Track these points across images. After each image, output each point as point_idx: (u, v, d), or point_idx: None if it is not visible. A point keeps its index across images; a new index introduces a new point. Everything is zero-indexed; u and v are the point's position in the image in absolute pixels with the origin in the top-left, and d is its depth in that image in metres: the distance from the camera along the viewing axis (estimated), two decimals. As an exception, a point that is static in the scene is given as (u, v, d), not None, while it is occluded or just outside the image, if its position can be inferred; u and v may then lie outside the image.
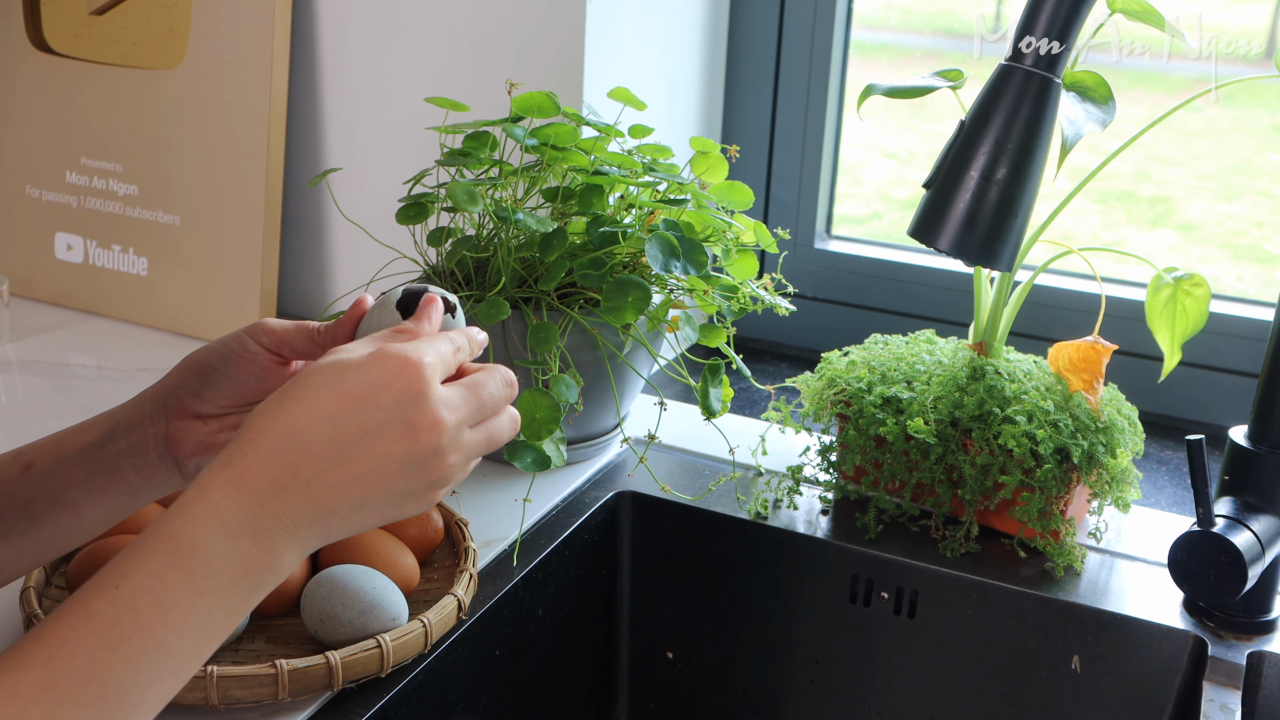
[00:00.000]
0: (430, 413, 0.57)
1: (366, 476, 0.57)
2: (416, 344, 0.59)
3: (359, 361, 0.57)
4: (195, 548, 0.53)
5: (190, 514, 0.54)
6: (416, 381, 0.57)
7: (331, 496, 0.56)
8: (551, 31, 1.13)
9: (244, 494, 0.54)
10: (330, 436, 0.56)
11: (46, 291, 1.38)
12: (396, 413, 0.57)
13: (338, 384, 0.56)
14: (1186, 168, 1.39)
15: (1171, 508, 1.04)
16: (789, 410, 1.04)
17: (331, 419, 0.56)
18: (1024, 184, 0.77)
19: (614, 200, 0.99)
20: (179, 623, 0.52)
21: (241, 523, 0.54)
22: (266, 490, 0.55)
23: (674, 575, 1.02)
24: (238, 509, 0.54)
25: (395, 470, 0.57)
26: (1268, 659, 0.85)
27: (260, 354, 0.68)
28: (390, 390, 0.57)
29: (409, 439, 0.57)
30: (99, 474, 0.68)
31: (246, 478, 0.55)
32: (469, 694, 0.85)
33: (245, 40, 1.24)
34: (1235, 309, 1.19)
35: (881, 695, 0.98)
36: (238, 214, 1.27)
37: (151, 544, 0.53)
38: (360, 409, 0.56)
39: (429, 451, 0.58)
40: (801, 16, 1.29)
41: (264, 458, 0.55)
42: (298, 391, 0.57)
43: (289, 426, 0.56)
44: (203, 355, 0.68)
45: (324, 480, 0.56)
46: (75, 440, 0.69)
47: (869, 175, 1.50)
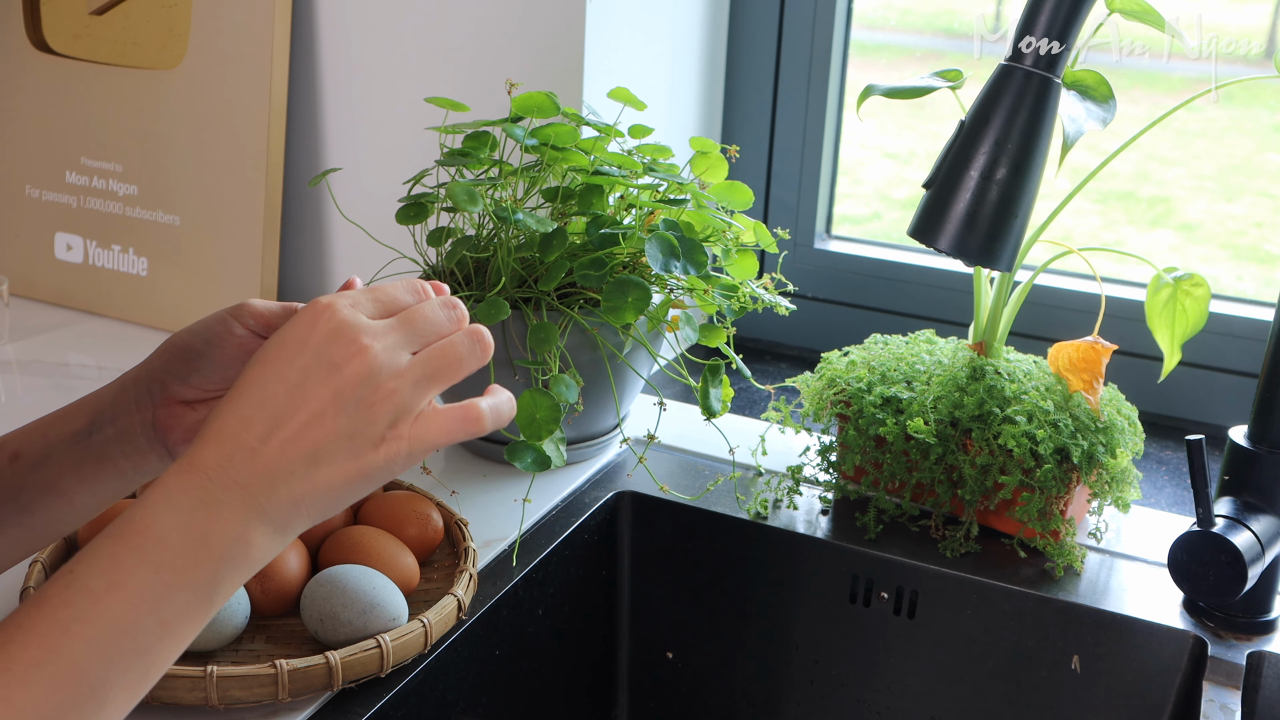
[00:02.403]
0: (350, 343, 0.56)
1: (308, 427, 0.55)
2: (338, 293, 0.59)
3: (283, 323, 0.58)
4: (145, 526, 0.53)
5: (142, 501, 0.54)
6: (330, 320, 0.56)
7: (280, 458, 0.55)
8: (551, 31, 1.13)
9: (192, 473, 0.54)
10: (260, 399, 0.55)
11: (46, 291, 1.38)
12: (317, 356, 0.56)
13: (263, 352, 0.56)
14: (1186, 168, 1.39)
15: (1171, 508, 1.04)
16: (789, 410, 1.04)
17: (259, 383, 0.55)
18: (1024, 184, 0.77)
19: (614, 200, 0.99)
20: (135, 599, 0.52)
21: (192, 498, 0.54)
22: (214, 465, 0.54)
23: (674, 575, 1.02)
24: (186, 486, 0.54)
25: (331, 412, 0.55)
26: (1268, 659, 0.85)
27: (246, 337, 0.67)
28: (309, 341, 0.56)
29: (335, 377, 0.55)
30: (89, 462, 0.67)
31: (196, 459, 0.55)
32: (469, 694, 0.85)
33: (245, 40, 1.24)
34: (1235, 309, 1.19)
35: (881, 695, 0.98)
36: (238, 214, 1.27)
37: (106, 532, 0.53)
38: (281, 365, 0.56)
39: (359, 380, 0.56)
40: (801, 16, 1.29)
41: (210, 438, 0.55)
42: (239, 374, 0.57)
43: (228, 403, 0.56)
44: (186, 339, 0.67)
45: (269, 445, 0.55)
46: (61, 428, 0.68)
47: (869, 175, 1.50)
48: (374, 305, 0.58)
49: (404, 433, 0.57)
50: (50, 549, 0.81)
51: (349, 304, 0.57)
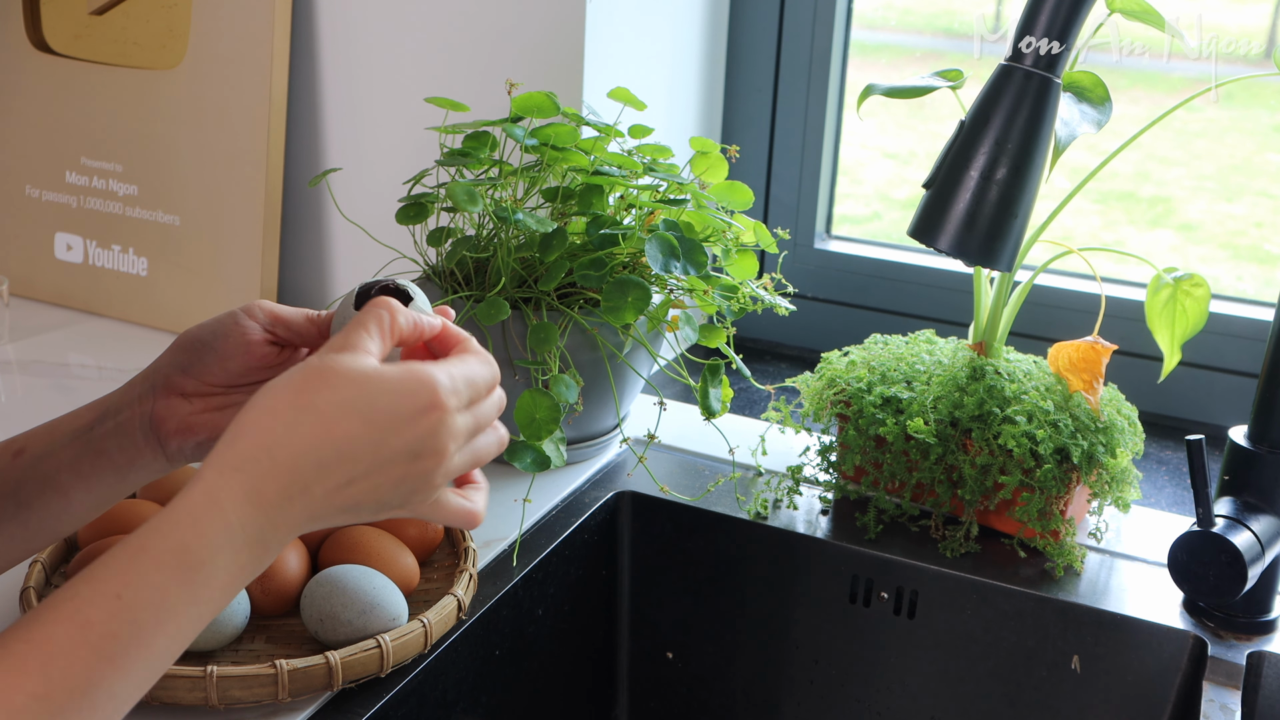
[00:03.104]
0: (438, 446, 0.59)
1: (365, 493, 0.57)
2: (448, 377, 0.59)
3: (386, 386, 0.57)
4: (202, 562, 0.53)
5: (201, 527, 0.53)
6: (438, 424, 0.58)
7: (330, 505, 0.57)
8: (551, 31, 1.13)
9: (256, 507, 0.54)
10: (350, 457, 0.56)
11: (46, 291, 1.38)
12: (409, 445, 0.58)
13: (367, 407, 0.56)
14: (1186, 168, 1.39)
15: (1171, 508, 1.04)
16: (789, 410, 1.04)
17: (353, 441, 0.56)
18: (1024, 184, 0.77)
19: (614, 200, 0.99)
20: (175, 632, 0.52)
21: (248, 536, 0.54)
22: (276, 502, 0.55)
23: (674, 575, 1.02)
24: (247, 522, 0.54)
25: (387, 490, 0.58)
26: (1268, 659, 0.85)
27: (254, 330, 0.67)
28: (414, 425, 0.58)
29: (411, 465, 0.58)
30: (87, 455, 0.67)
31: (262, 489, 0.54)
32: (469, 694, 0.85)
33: (245, 40, 1.24)
34: (1235, 309, 1.19)
35: (881, 695, 0.98)
36: (238, 214, 1.27)
37: (157, 555, 0.52)
38: (382, 438, 0.57)
39: (425, 474, 0.59)
40: (801, 16, 1.29)
41: (280, 469, 0.55)
42: (321, 403, 0.56)
43: (310, 441, 0.55)
44: (195, 331, 0.68)
45: (327, 495, 0.56)
46: (68, 424, 0.68)
47: (869, 175, 1.50)
48: (469, 398, 0.61)
49: (420, 504, 0.61)
50: (50, 549, 0.81)
51: (455, 405, 0.59)
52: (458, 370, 0.60)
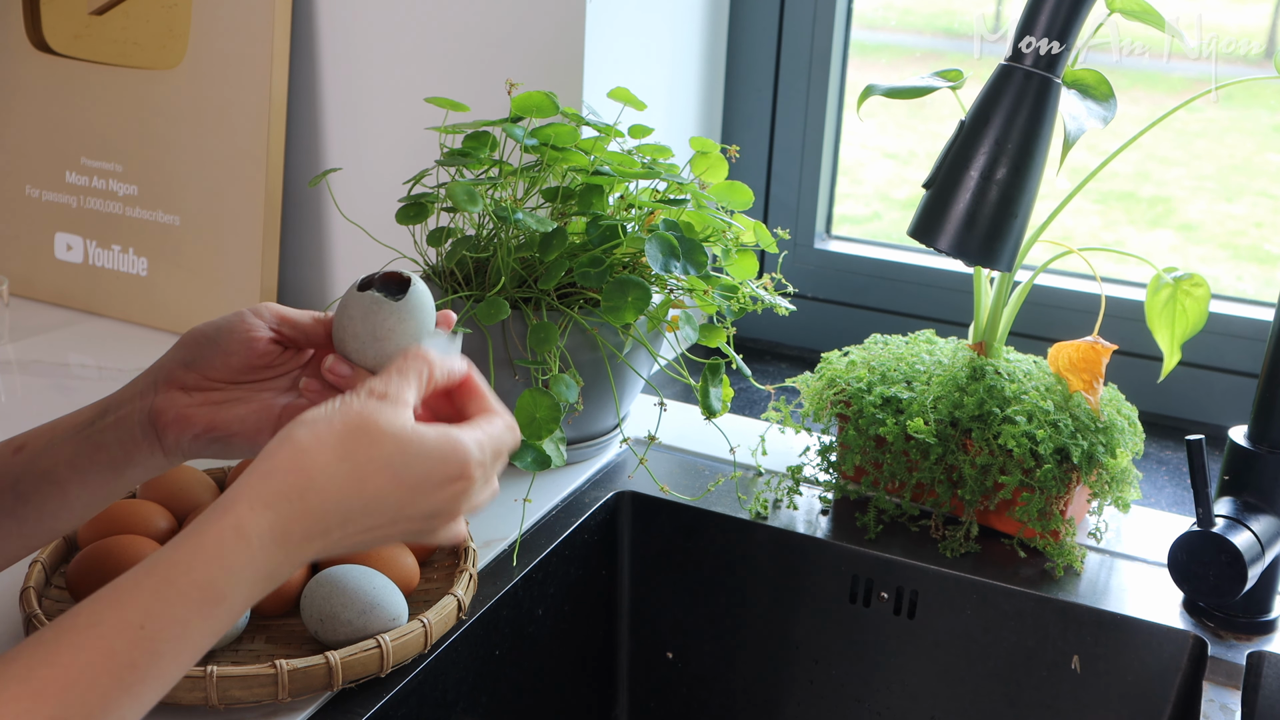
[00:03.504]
0: (454, 511, 0.62)
1: (376, 539, 0.60)
2: (479, 448, 0.61)
3: (424, 450, 0.59)
4: (224, 597, 0.54)
5: (227, 561, 0.54)
6: (463, 492, 0.61)
7: (339, 546, 0.59)
8: (551, 31, 1.13)
9: (279, 545, 0.56)
10: (375, 511, 0.59)
11: (46, 291, 1.38)
12: (432, 507, 0.60)
13: (402, 467, 0.58)
14: (1186, 168, 1.39)
15: (1171, 508, 1.04)
16: (789, 410, 1.04)
17: (382, 497, 0.58)
18: (1024, 184, 0.77)
19: (614, 200, 0.99)
20: (186, 659, 0.54)
21: (268, 571, 0.56)
22: (298, 542, 0.57)
23: (674, 575, 1.02)
24: (270, 560, 0.56)
25: (396, 537, 0.61)
26: (1268, 659, 0.85)
27: (259, 328, 0.68)
28: (442, 491, 0.60)
29: (426, 524, 0.61)
30: (85, 449, 0.68)
31: (289, 529, 0.56)
32: (469, 694, 0.85)
33: (245, 40, 1.24)
34: (1235, 309, 1.19)
35: (881, 695, 0.98)
36: (238, 214, 1.27)
37: (183, 589, 0.53)
38: (409, 498, 0.59)
39: (430, 531, 0.62)
40: (801, 16, 1.29)
41: (310, 513, 0.57)
42: (362, 457, 0.58)
43: (343, 492, 0.57)
44: (201, 327, 0.69)
45: (345, 538, 0.59)
46: (69, 421, 0.69)
47: (869, 175, 1.50)
48: (494, 466, 0.63)
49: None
50: (50, 549, 0.81)
51: (481, 476, 0.62)
52: (488, 441, 0.62)
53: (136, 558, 0.77)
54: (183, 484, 0.87)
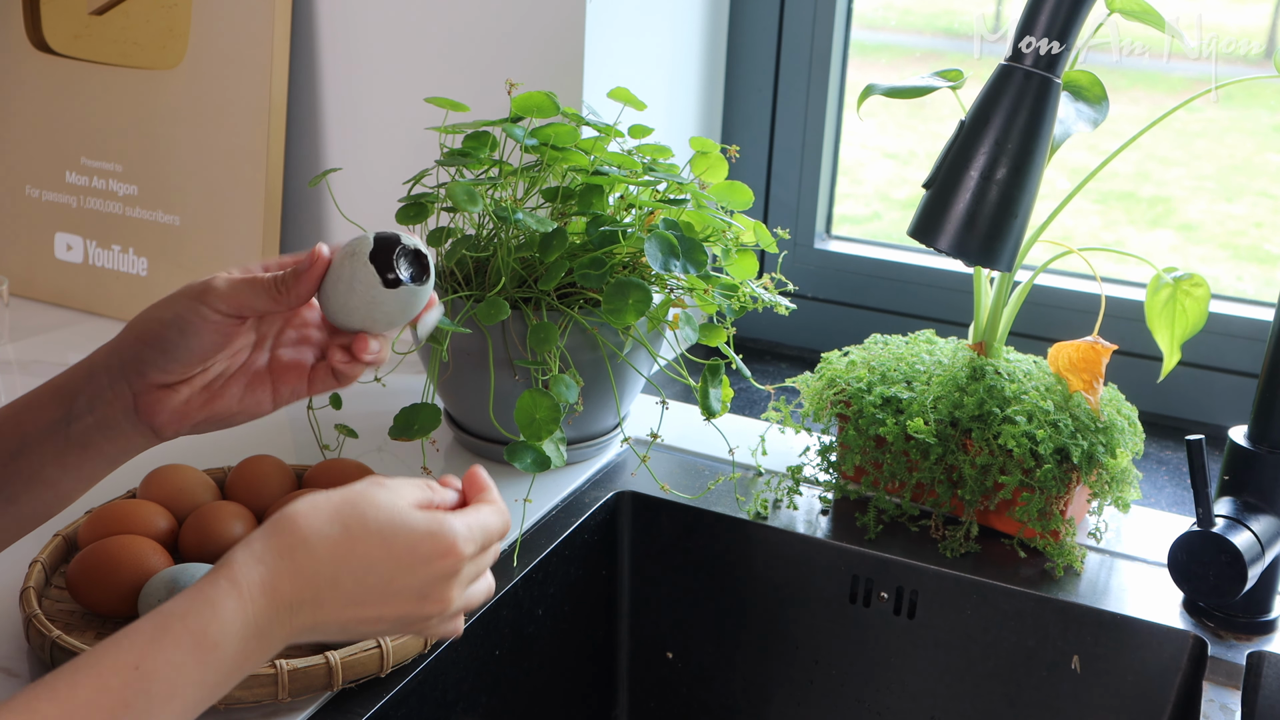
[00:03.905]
0: (445, 595, 0.63)
1: (367, 619, 0.62)
2: (468, 527, 0.64)
3: (416, 524, 0.62)
4: (216, 644, 0.57)
5: (219, 611, 0.57)
6: (451, 571, 0.63)
7: (331, 620, 0.61)
8: (551, 31, 1.13)
9: (269, 601, 0.58)
10: (361, 579, 0.61)
11: (46, 291, 1.38)
12: (421, 586, 0.62)
13: (391, 537, 0.61)
14: (1186, 168, 1.39)
15: (1171, 508, 1.04)
16: (789, 410, 1.04)
17: (370, 565, 0.61)
18: (1024, 184, 0.77)
19: (614, 200, 0.99)
20: (179, 709, 0.56)
21: (258, 626, 0.58)
22: (288, 603, 0.59)
23: (674, 575, 1.02)
24: (260, 614, 0.58)
25: (388, 622, 0.63)
26: (1267, 659, 0.85)
27: (219, 320, 0.67)
28: (428, 567, 0.62)
29: (417, 606, 0.63)
30: (72, 450, 0.68)
31: (279, 587, 0.59)
32: (469, 694, 0.85)
33: (245, 40, 1.24)
34: (1235, 309, 1.19)
35: (881, 695, 0.98)
36: (238, 214, 1.27)
37: (177, 635, 0.56)
38: (396, 570, 0.61)
39: (423, 618, 0.64)
40: (801, 16, 1.29)
41: (300, 574, 0.59)
42: (354, 524, 0.61)
43: (332, 554, 0.60)
44: (157, 330, 0.67)
45: (335, 609, 0.60)
46: (35, 419, 0.68)
47: (869, 175, 1.50)
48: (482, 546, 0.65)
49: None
50: (50, 548, 0.81)
51: (469, 553, 0.64)
52: (475, 521, 0.65)
53: (136, 557, 0.77)
54: (183, 484, 0.87)
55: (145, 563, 0.77)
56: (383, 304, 0.67)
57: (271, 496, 0.87)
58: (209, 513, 0.83)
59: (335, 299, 0.68)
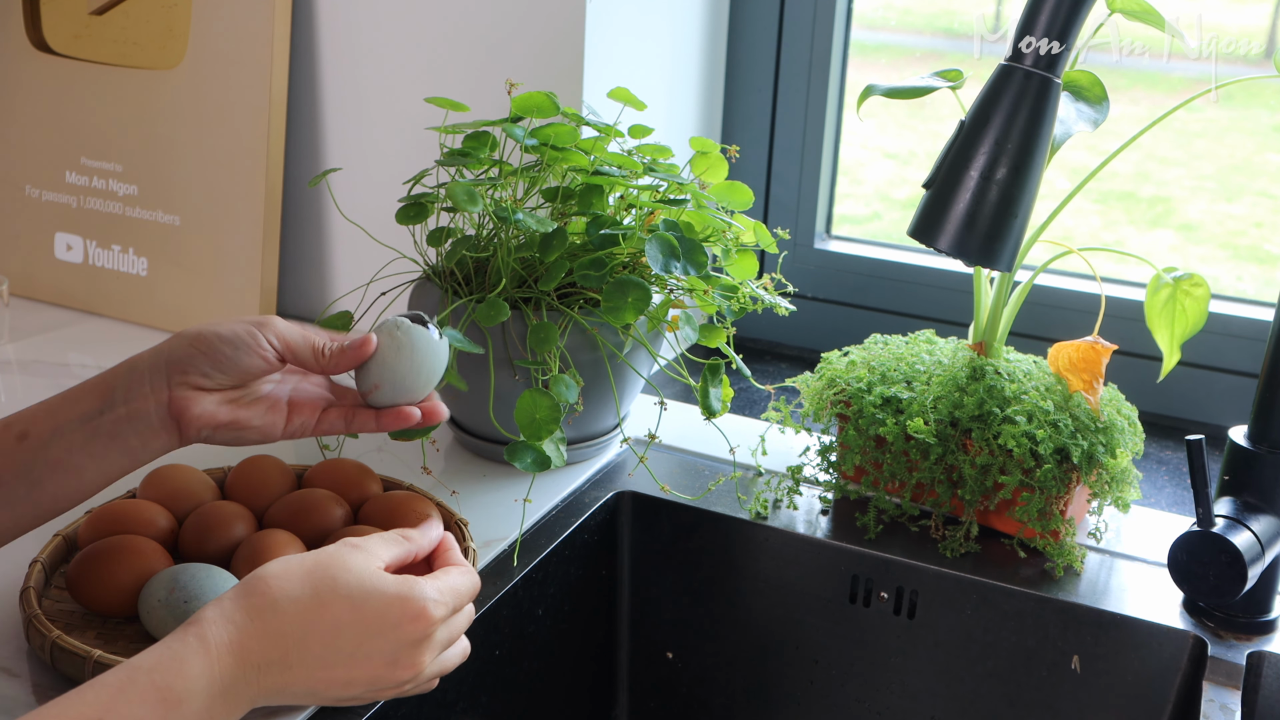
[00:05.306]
0: (418, 657, 0.65)
1: (336, 681, 0.63)
2: (437, 589, 0.66)
3: (386, 588, 0.64)
4: (180, 700, 0.58)
5: (185, 668, 0.58)
6: (422, 635, 0.65)
7: (299, 682, 0.62)
8: (551, 32, 1.13)
9: (238, 662, 0.60)
10: (329, 642, 0.62)
11: (46, 291, 1.38)
12: (393, 650, 0.64)
13: (361, 601, 0.63)
14: (1186, 168, 1.39)
15: (1171, 508, 1.04)
16: (789, 410, 1.04)
17: (339, 628, 0.62)
18: (1024, 184, 0.77)
19: (614, 200, 0.99)
20: None
21: (225, 685, 0.59)
22: (257, 664, 0.60)
23: (674, 575, 1.02)
24: (226, 673, 0.59)
25: (360, 686, 0.64)
26: (1268, 659, 0.85)
27: (269, 351, 0.73)
28: (398, 630, 0.64)
29: (388, 671, 0.64)
30: (99, 439, 0.71)
31: (247, 647, 0.60)
32: (469, 694, 0.85)
33: (245, 40, 1.24)
34: (1235, 309, 1.19)
35: (881, 695, 0.98)
36: (238, 214, 1.27)
37: (142, 687, 0.57)
38: (365, 635, 0.63)
39: (395, 683, 0.65)
40: (801, 16, 1.29)
41: (268, 635, 0.60)
42: (324, 589, 0.62)
43: (301, 616, 0.61)
44: (214, 341, 0.72)
45: (303, 672, 0.61)
46: (70, 410, 0.71)
47: (869, 175, 1.50)
48: (453, 609, 0.67)
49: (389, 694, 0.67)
50: (50, 548, 0.81)
51: (440, 616, 0.66)
52: (445, 584, 0.67)
53: (136, 557, 0.77)
54: (183, 484, 0.87)
55: (145, 563, 0.77)
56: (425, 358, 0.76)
57: (272, 496, 0.87)
58: (209, 513, 0.83)
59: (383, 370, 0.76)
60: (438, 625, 0.65)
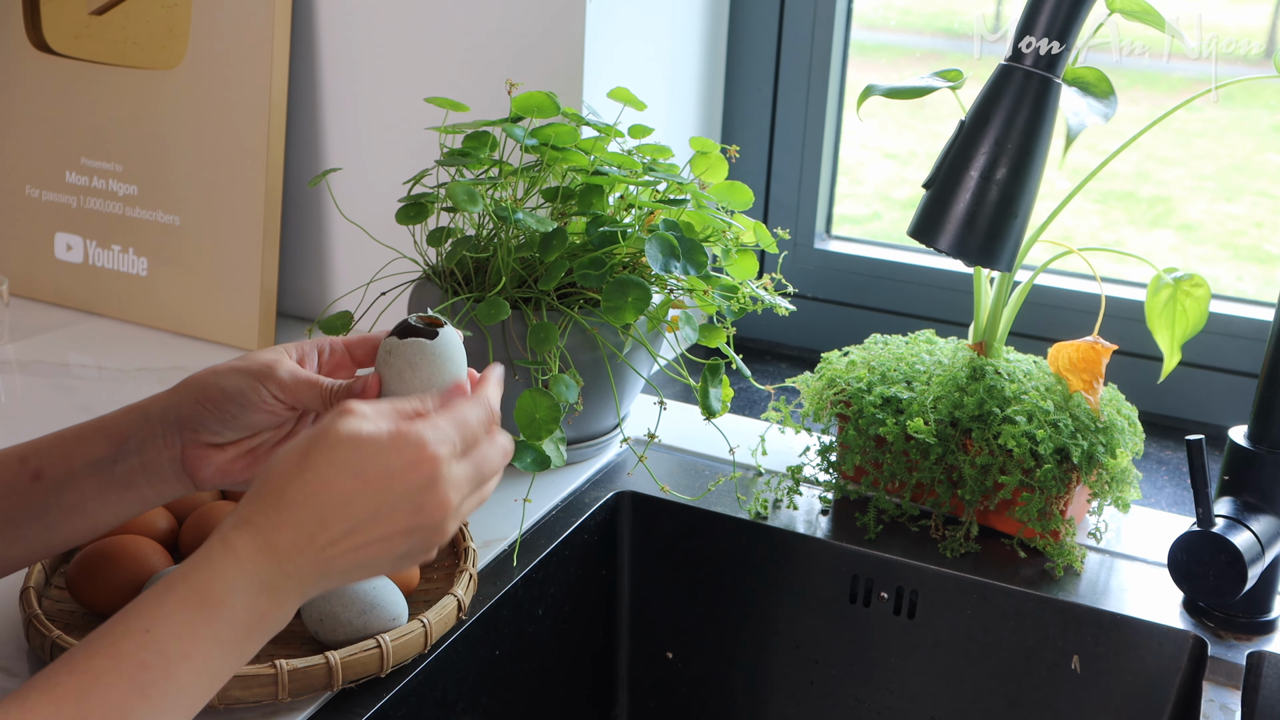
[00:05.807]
0: (439, 496, 0.62)
1: (373, 544, 0.61)
2: (434, 430, 0.62)
3: (378, 446, 0.61)
4: (221, 601, 0.58)
5: (216, 568, 0.58)
6: (429, 473, 0.62)
7: (340, 560, 0.61)
8: (551, 31, 1.13)
9: (267, 556, 0.59)
10: (346, 512, 0.60)
11: (46, 291, 1.38)
12: (409, 498, 0.61)
13: (359, 466, 0.61)
14: (1186, 168, 1.39)
15: (1171, 508, 1.04)
16: (789, 410, 1.04)
17: (349, 498, 0.60)
18: (1024, 184, 0.77)
19: (614, 200, 0.99)
20: (199, 667, 0.57)
21: (262, 581, 0.59)
22: (286, 553, 0.59)
23: (674, 575, 1.02)
24: (260, 569, 0.59)
25: (399, 541, 0.62)
26: (1268, 659, 0.85)
27: (274, 404, 0.71)
28: (405, 479, 0.61)
29: (417, 518, 0.62)
30: (113, 488, 0.70)
31: (271, 540, 0.59)
32: (469, 694, 0.85)
33: (245, 40, 1.24)
34: (1235, 309, 1.19)
35: (881, 695, 0.98)
36: (238, 214, 1.27)
37: (181, 594, 0.57)
38: (376, 492, 0.61)
39: (433, 526, 0.63)
40: (801, 16, 1.29)
41: (286, 523, 0.60)
42: (319, 463, 0.60)
43: (309, 497, 0.60)
44: (218, 398, 0.70)
45: (336, 547, 0.60)
46: (84, 453, 0.71)
47: (869, 175, 1.50)
48: (462, 445, 0.64)
49: (434, 553, 0.65)
50: (50, 549, 0.81)
51: (448, 454, 0.63)
52: (444, 420, 0.64)
53: (136, 557, 0.77)
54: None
55: (145, 563, 0.77)
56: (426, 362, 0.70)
57: (271, 496, 0.87)
58: (209, 513, 0.83)
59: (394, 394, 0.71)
60: (445, 463, 0.62)
